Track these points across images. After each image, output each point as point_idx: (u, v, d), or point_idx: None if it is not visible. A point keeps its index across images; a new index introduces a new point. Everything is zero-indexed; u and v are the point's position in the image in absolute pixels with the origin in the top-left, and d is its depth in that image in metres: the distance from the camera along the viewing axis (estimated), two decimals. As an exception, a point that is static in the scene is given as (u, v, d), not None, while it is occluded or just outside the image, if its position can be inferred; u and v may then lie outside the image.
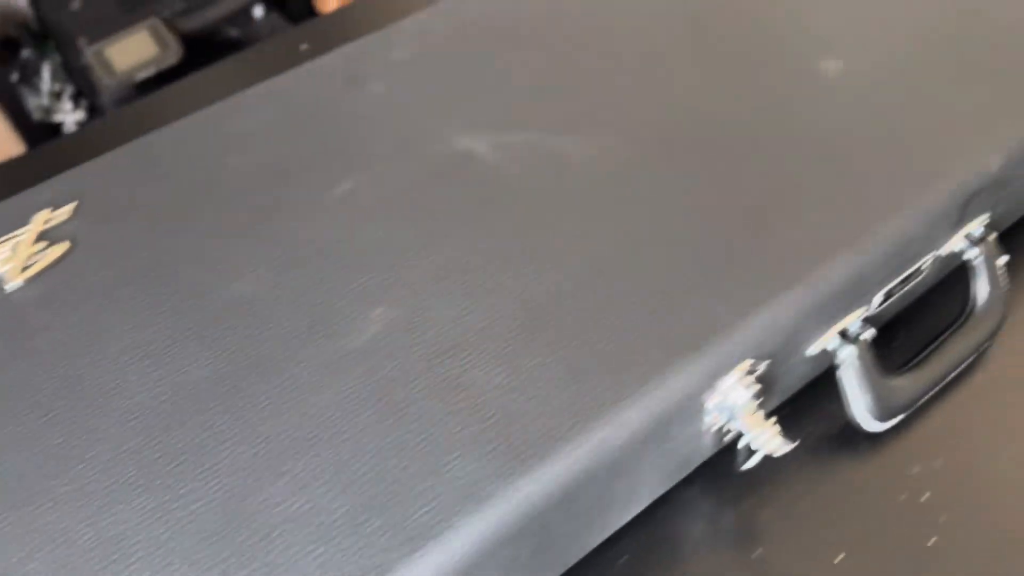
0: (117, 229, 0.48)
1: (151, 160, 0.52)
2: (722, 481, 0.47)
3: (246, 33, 1.22)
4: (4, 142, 1.08)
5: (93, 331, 0.44)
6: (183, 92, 0.76)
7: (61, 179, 0.52)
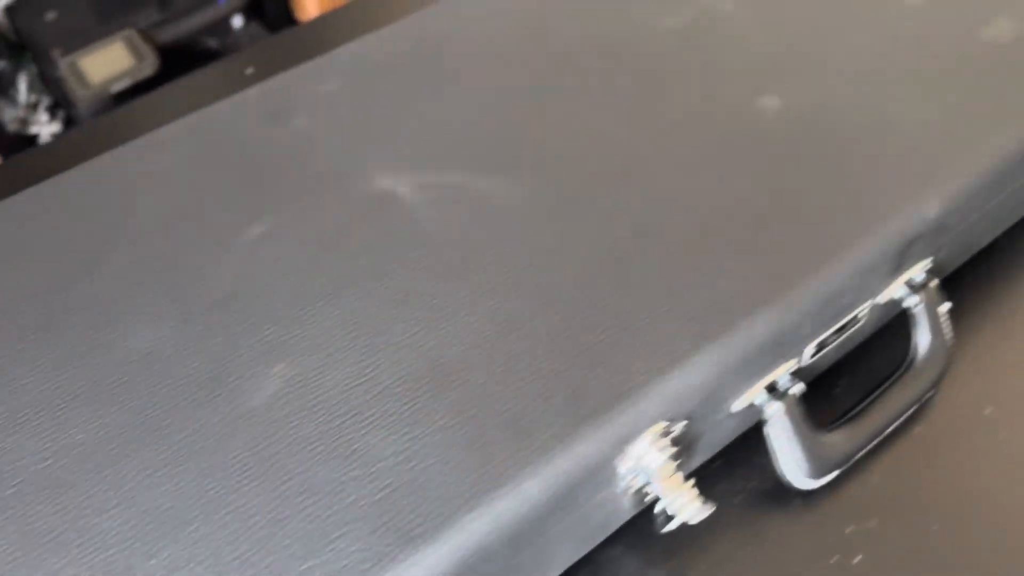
0: (13, 278, 0.46)
1: (59, 201, 0.50)
2: (648, 540, 0.45)
3: (224, 44, 1.20)
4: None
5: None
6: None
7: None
